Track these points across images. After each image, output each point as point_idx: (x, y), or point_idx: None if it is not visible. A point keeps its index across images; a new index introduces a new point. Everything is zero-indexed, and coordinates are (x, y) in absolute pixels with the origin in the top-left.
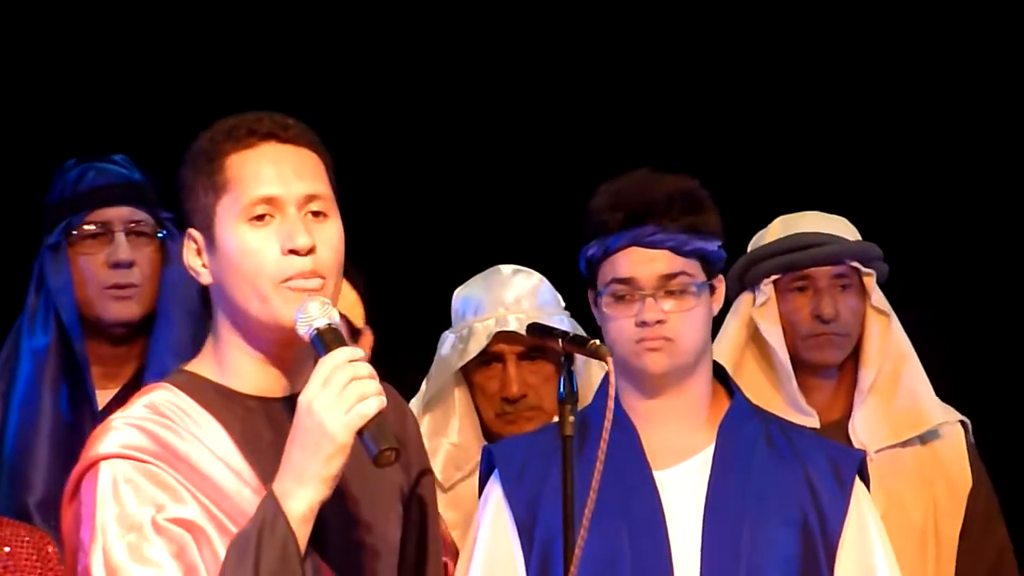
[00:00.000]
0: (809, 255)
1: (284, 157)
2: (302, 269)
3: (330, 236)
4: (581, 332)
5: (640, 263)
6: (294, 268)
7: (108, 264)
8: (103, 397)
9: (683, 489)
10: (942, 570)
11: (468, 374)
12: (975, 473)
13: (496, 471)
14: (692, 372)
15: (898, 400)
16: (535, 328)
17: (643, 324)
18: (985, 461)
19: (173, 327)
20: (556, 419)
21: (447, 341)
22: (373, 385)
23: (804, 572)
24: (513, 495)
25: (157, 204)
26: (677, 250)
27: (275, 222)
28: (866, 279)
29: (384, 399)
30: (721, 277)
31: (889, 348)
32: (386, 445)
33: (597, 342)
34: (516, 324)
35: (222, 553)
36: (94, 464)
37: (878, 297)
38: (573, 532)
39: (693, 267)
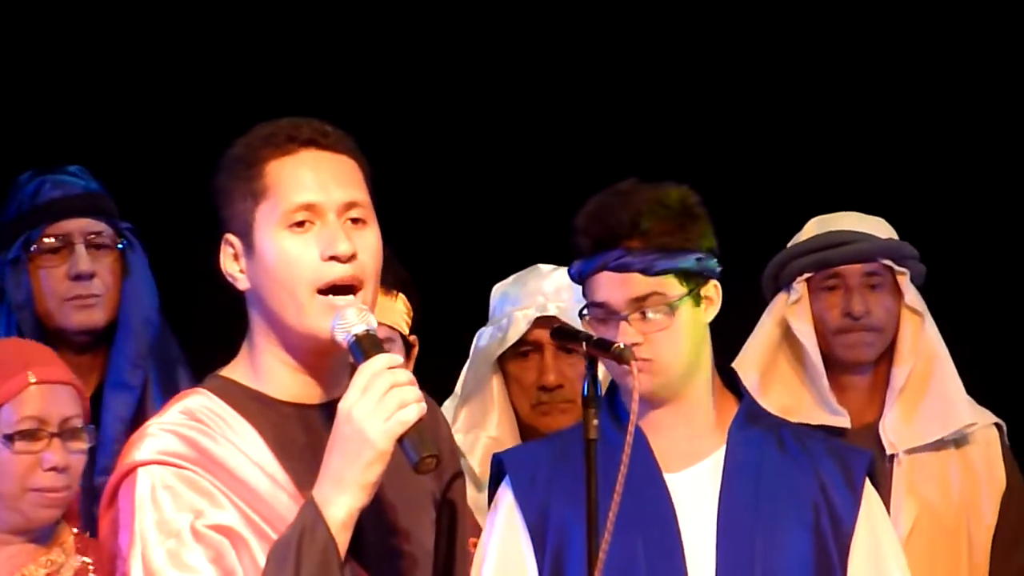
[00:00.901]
0: (840, 252)
1: (324, 164)
2: (342, 275)
3: (370, 243)
4: None
5: (611, 287)
6: (334, 274)
7: (69, 276)
8: None
9: (695, 492)
10: (976, 573)
11: (504, 367)
12: (1010, 476)
13: (507, 478)
14: (686, 383)
15: (928, 400)
16: (559, 332)
17: None
18: (1019, 463)
19: (132, 337)
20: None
21: (484, 334)
22: (413, 392)
23: (818, 574)
24: (524, 501)
25: (115, 214)
26: (647, 272)
27: (315, 228)
28: (899, 278)
29: (424, 405)
30: (714, 283)
31: (921, 347)
32: (427, 452)
33: (621, 345)
34: (556, 311)
35: (260, 558)
36: (132, 471)
37: (912, 296)
38: (596, 537)
39: (667, 285)
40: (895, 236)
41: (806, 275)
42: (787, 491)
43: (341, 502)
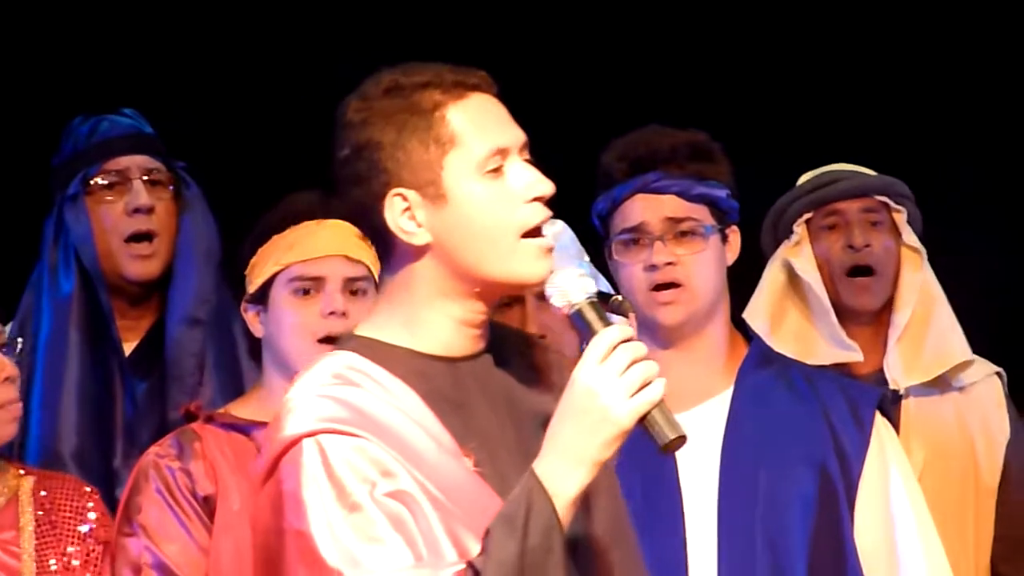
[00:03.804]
0: (836, 189)
1: (494, 107)
2: (545, 216)
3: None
4: (602, 279)
5: (647, 208)
6: (539, 217)
7: (127, 211)
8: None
9: (700, 429)
10: (982, 520)
11: None
12: (1013, 423)
13: None
14: (708, 321)
15: (929, 340)
16: None
17: (652, 268)
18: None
19: (193, 274)
20: None
21: None
22: (655, 367)
23: (822, 512)
24: None
25: (169, 156)
26: (683, 195)
27: (506, 172)
28: (896, 216)
29: (665, 381)
30: (735, 228)
31: (921, 289)
32: (676, 433)
33: (620, 297)
34: None
35: (435, 525)
36: (295, 443)
37: (909, 234)
38: None
39: (701, 212)
40: None
41: (805, 217)
42: (794, 429)
43: (573, 478)
